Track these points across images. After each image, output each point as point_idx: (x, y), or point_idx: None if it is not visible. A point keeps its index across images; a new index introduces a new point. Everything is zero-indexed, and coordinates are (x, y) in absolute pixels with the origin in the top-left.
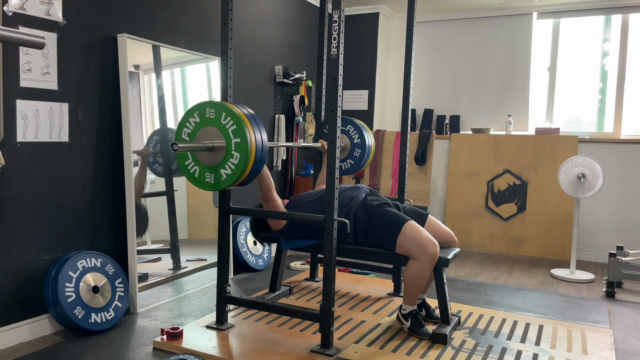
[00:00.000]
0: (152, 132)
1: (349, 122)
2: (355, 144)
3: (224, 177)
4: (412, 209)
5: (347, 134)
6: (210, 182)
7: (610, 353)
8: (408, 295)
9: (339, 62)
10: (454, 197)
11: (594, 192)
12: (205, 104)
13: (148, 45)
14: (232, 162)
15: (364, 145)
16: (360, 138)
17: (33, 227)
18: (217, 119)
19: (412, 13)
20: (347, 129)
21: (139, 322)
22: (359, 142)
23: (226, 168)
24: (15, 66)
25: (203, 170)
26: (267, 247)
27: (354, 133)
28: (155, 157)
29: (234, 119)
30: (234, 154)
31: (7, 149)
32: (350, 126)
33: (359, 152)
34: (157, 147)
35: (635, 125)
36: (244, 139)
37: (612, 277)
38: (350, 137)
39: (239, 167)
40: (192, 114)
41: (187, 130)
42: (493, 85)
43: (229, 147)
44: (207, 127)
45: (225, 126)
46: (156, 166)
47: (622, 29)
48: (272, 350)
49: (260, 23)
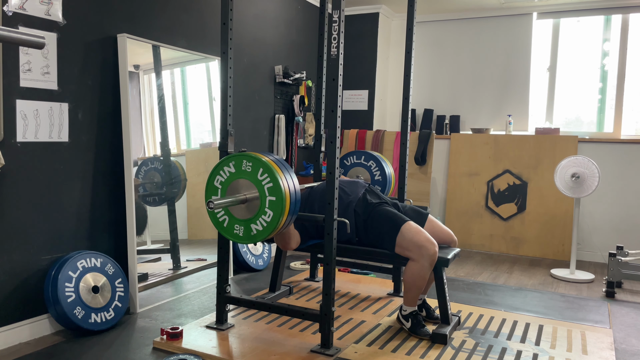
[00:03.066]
0: (142, 162)
1: (371, 157)
2: (375, 181)
3: (254, 232)
4: (412, 208)
5: (368, 169)
6: (239, 234)
7: (610, 353)
8: (408, 296)
9: (339, 62)
10: (454, 197)
11: (589, 192)
12: (243, 157)
13: (148, 45)
14: (264, 218)
15: (384, 182)
16: (382, 174)
17: (33, 227)
18: (253, 173)
19: (412, 13)
20: (368, 165)
21: (139, 322)
22: (379, 179)
23: (257, 224)
24: (15, 66)
25: (233, 222)
26: (267, 247)
27: (376, 169)
28: (145, 187)
29: (270, 175)
30: (267, 212)
31: (7, 149)
32: (372, 162)
33: (379, 188)
34: (146, 176)
35: (635, 125)
36: (280, 198)
37: (612, 277)
38: (371, 173)
39: (271, 225)
40: (227, 163)
41: (220, 179)
42: (493, 85)
43: (262, 204)
44: (241, 179)
45: (261, 182)
46: (147, 197)
47: (622, 29)
48: (272, 350)
49: (260, 23)
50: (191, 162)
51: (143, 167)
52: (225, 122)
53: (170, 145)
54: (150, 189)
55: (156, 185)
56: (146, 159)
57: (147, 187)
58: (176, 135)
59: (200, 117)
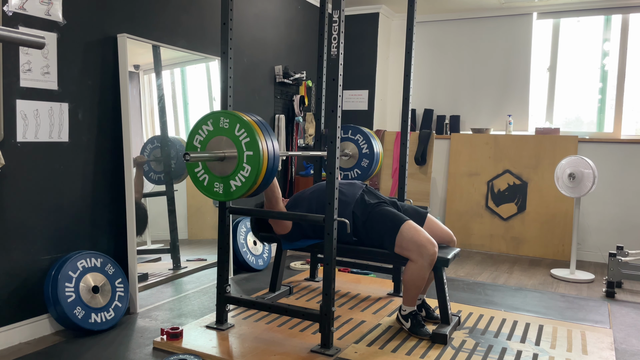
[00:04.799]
0: (147, 140)
1: (358, 131)
2: (363, 154)
3: (234, 188)
4: (412, 207)
5: (356, 143)
6: (219, 192)
7: (610, 353)
8: (407, 295)
9: (339, 62)
10: (454, 197)
11: (585, 192)
12: (220, 114)
13: (148, 45)
14: (242, 174)
15: (372, 156)
16: (369, 148)
17: (33, 227)
18: (230, 130)
19: (412, 13)
20: (356, 138)
21: (139, 322)
22: (367, 152)
23: (236, 180)
24: (15, 66)
25: (212, 180)
26: (267, 247)
27: (363, 143)
28: (150, 165)
29: (247, 130)
30: (245, 167)
31: (7, 149)
32: (359, 135)
33: (367, 162)
34: (152, 154)
35: (635, 125)
36: (257, 152)
37: (612, 277)
38: (359, 146)
39: (249, 179)
40: (205, 121)
41: (200, 138)
42: (493, 85)
43: (240, 159)
44: (219, 136)
45: (239, 137)
46: (151, 174)
47: (622, 29)
48: (272, 350)
49: (260, 23)
50: None
51: (149, 145)
52: None
53: None
54: (155, 167)
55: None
56: (151, 138)
57: (151, 165)
58: (176, 135)
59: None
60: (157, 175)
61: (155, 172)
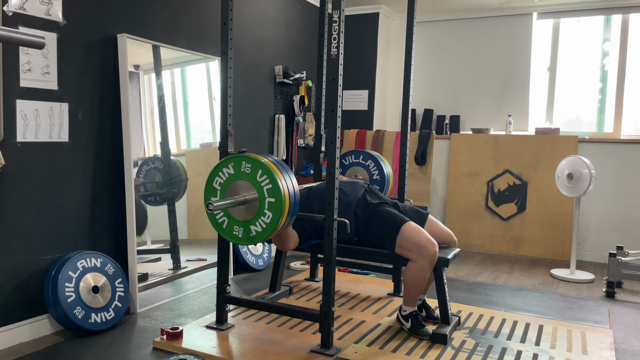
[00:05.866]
0: (142, 162)
1: (369, 157)
2: (374, 180)
3: (254, 233)
4: (412, 208)
5: (367, 169)
6: (238, 235)
7: (610, 353)
8: (408, 296)
9: (339, 62)
10: (454, 197)
11: (583, 192)
12: (242, 158)
13: (148, 45)
14: (263, 220)
15: (382, 182)
16: (380, 174)
17: (33, 227)
18: (252, 175)
19: (412, 13)
20: (367, 164)
21: (139, 322)
22: (378, 178)
23: (257, 225)
24: (15, 66)
25: (232, 224)
26: (267, 247)
27: (374, 169)
28: (146, 187)
29: (269, 177)
30: (267, 213)
31: (7, 149)
32: (370, 161)
33: (377, 188)
34: (147, 176)
35: (635, 125)
36: (279, 199)
37: (612, 277)
38: (369, 172)
39: (270, 225)
40: (226, 164)
41: (219, 180)
42: (493, 85)
43: (262, 206)
44: (240, 180)
45: (261, 184)
46: (148, 197)
47: (622, 29)
48: (272, 350)
49: (260, 23)
50: (191, 162)
51: (144, 167)
52: (225, 122)
53: (170, 145)
54: (151, 189)
55: (157, 185)
56: (147, 159)
57: (148, 187)
58: (176, 135)
59: (200, 117)
60: (153, 198)
61: (153, 195)
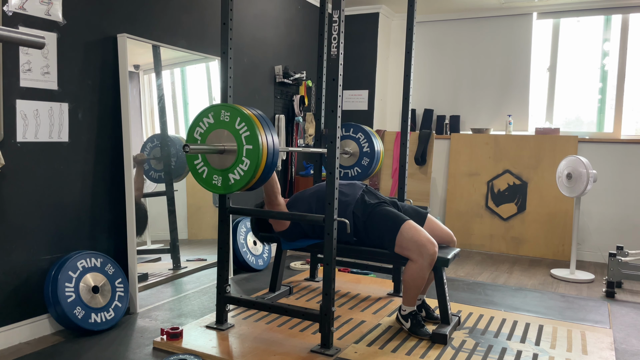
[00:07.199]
0: (148, 139)
1: (359, 129)
2: (364, 153)
3: (232, 181)
4: (412, 207)
5: (357, 141)
6: (217, 184)
7: (610, 353)
8: (407, 295)
9: (339, 62)
10: (454, 197)
11: (582, 191)
12: (221, 107)
13: (148, 45)
14: (241, 167)
15: (372, 154)
16: (370, 147)
17: (33, 227)
18: (231, 123)
19: (412, 13)
20: (357, 137)
21: (139, 322)
22: (368, 150)
23: (235, 173)
24: (15, 66)
25: (211, 172)
26: (267, 247)
27: (364, 141)
28: (150, 164)
29: (247, 124)
30: (245, 160)
31: (7, 149)
32: (360, 134)
33: (367, 160)
34: (152, 153)
35: (635, 125)
36: (256, 146)
37: (612, 277)
38: (360, 145)
39: (248, 173)
40: (206, 114)
41: (200, 130)
42: (493, 85)
43: (240, 153)
44: (220, 129)
45: (239, 131)
46: (152, 172)
47: (622, 29)
48: (272, 350)
49: (260, 23)
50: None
51: (149, 143)
52: None
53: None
54: (154, 165)
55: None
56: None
57: (151, 163)
58: (176, 134)
59: None
60: (157, 174)
61: (156, 171)
